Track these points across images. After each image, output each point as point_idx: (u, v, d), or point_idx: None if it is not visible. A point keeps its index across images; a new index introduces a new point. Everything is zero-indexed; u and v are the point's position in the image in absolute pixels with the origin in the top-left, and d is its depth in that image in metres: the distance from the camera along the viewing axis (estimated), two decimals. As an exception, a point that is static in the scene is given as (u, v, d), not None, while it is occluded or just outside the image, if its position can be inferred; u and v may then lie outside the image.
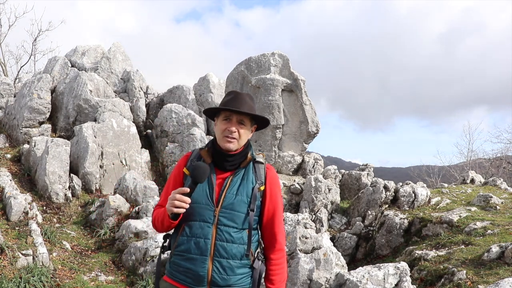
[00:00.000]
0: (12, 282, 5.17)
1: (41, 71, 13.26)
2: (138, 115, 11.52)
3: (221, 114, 2.26)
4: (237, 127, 2.22)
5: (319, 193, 9.13)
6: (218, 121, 2.27)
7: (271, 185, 2.27)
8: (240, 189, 2.19)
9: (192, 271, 2.13)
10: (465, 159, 22.19)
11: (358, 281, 4.15)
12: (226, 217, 2.15)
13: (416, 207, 8.41)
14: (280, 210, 2.31)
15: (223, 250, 2.13)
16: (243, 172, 2.24)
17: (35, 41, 18.79)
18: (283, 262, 2.32)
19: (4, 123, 10.92)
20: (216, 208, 2.15)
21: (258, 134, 10.77)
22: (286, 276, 2.36)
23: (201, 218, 2.14)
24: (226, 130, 2.21)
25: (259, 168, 2.28)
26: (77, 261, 6.58)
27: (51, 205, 7.98)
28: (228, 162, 2.22)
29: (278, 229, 2.28)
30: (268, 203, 2.26)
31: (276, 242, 2.29)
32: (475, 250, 6.10)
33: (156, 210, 2.29)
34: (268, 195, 2.26)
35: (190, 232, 2.15)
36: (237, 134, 2.21)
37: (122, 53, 13.12)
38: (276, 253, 2.29)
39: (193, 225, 2.15)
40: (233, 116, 2.23)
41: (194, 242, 2.13)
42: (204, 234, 2.13)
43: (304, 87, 10.73)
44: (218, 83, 13.11)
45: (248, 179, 2.22)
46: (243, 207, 2.17)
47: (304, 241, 4.51)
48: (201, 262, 2.12)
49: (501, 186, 9.90)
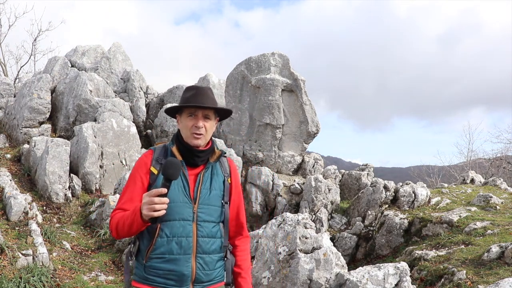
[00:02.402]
0: (12, 282, 5.17)
1: (41, 71, 13.26)
2: (138, 115, 11.53)
3: (185, 111, 2.22)
4: (203, 122, 2.20)
5: (319, 193, 9.14)
6: (182, 118, 2.23)
7: (235, 177, 2.34)
8: (213, 183, 2.21)
9: (175, 272, 2.08)
10: (465, 159, 22.20)
11: (358, 281, 4.15)
12: (204, 212, 2.15)
13: (416, 207, 8.41)
14: (242, 200, 2.41)
15: (205, 246, 2.13)
16: (211, 167, 2.26)
17: (35, 41, 18.82)
18: (249, 249, 2.42)
19: (4, 123, 10.92)
20: (194, 204, 2.13)
21: (258, 134, 10.77)
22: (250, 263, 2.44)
23: (180, 216, 2.10)
24: (193, 126, 2.18)
25: (224, 162, 2.32)
26: (77, 261, 6.58)
27: (51, 205, 7.99)
28: (199, 158, 2.21)
29: (243, 218, 2.37)
30: (233, 195, 2.31)
31: (243, 230, 2.38)
32: (475, 250, 6.10)
33: (116, 214, 2.13)
34: (234, 186, 2.32)
35: (170, 233, 2.08)
36: (203, 129, 2.19)
37: (122, 53, 13.13)
38: (243, 241, 2.39)
39: (172, 225, 2.09)
40: (198, 111, 2.19)
41: (175, 242, 2.08)
42: (185, 233, 2.10)
43: (304, 87, 10.73)
44: (218, 83, 13.12)
45: (217, 173, 2.26)
46: (217, 201, 2.20)
47: (304, 241, 4.51)
48: (184, 261, 2.09)
49: (501, 186, 9.90)
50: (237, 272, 2.33)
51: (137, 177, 2.18)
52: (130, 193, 2.17)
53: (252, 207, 9.89)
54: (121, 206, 2.15)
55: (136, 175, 2.19)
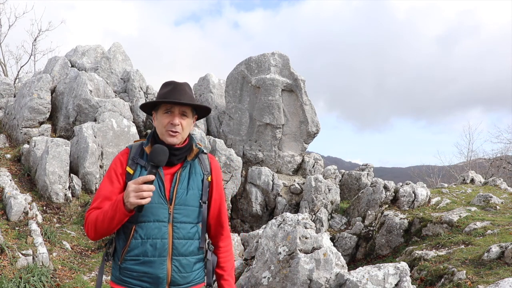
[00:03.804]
0: (12, 282, 5.17)
1: (41, 71, 13.25)
2: (138, 115, 11.52)
3: (161, 108, 2.12)
4: (180, 119, 2.10)
5: (319, 193, 9.14)
6: (158, 115, 2.13)
7: (216, 175, 2.24)
8: (191, 183, 2.12)
9: (150, 274, 2.03)
10: (465, 159, 22.20)
11: (358, 281, 4.15)
12: (181, 213, 2.07)
13: (416, 207, 8.41)
14: (224, 198, 2.30)
15: (181, 248, 2.07)
16: (189, 165, 2.16)
17: (35, 41, 18.81)
18: (231, 249, 2.35)
19: (4, 123, 10.92)
20: (170, 205, 2.06)
21: (258, 134, 10.77)
22: (234, 263, 2.38)
23: (155, 218, 2.03)
24: (169, 124, 2.08)
25: (204, 159, 2.23)
26: (77, 261, 6.58)
27: (51, 205, 7.98)
28: (176, 156, 2.11)
29: (224, 217, 2.28)
30: (214, 193, 2.22)
31: (224, 230, 2.29)
32: (475, 250, 6.10)
33: (92, 212, 2.05)
34: (215, 185, 2.23)
35: (144, 234, 2.03)
36: (180, 127, 2.10)
37: (122, 53, 13.12)
38: (225, 241, 2.31)
39: (147, 226, 2.03)
40: (175, 108, 2.09)
41: (150, 244, 2.02)
42: (160, 234, 2.03)
43: (304, 87, 10.74)
44: (218, 83, 13.11)
45: (196, 171, 2.17)
46: (195, 201, 2.12)
47: (304, 241, 4.51)
48: (159, 264, 2.03)
49: (501, 186, 9.90)
50: (220, 274, 2.28)
51: (113, 176, 2.11)
52: (106, 192, 2.08)
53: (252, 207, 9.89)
54: (97, 205, 2.07)
55: (112, 175, 2.12)
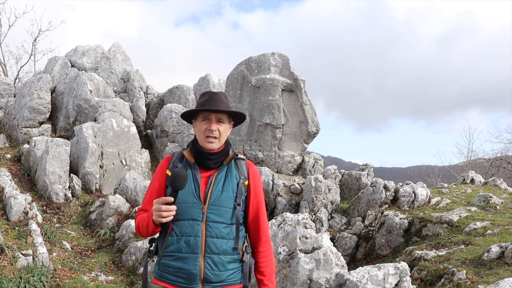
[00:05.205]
0: (12, 282, 5.17)
1: (41, 71, 13.26)
2: (138, 115, 11.53)
3: (200, 115, 2.31)
4: (217, 125, 2.27)
5: (319, 193, 9.13)
6: (197, 123, 2.32)
7: (254, 180, 2.35)
8: (226, 185, 2.25)
9: (184, 270, 2.16)
10: (465, 159, 22.20)
11: (358, 281, 4.15)
12: (214, 214, 2.19)
13: (416, 207, 8.40)
14: (263, 204, 2.39)
15: (213, 246, 2.17)
16: (226, 169, 2.30)
17: (35, 41, 18.82)
18: (271, 254, 2.41)
19: (4, 123, 10.92)
20: (204, 205, 2.20)
21: (258, 134, 10.77)
22: (275, 268, 2.43)
23: (189, 216, 2.18)
24: (207, 130, 2.26)
25: (241, 164, 2.35)
26: (77, 261, 6.58)
27: (51, 205, 7.99)
28: (211, 160, 2.27)
29: (263, 222, 2.37)
30: (252, 198, 2.33)
31: (263, 234, 2.37)
32: (475, 250, 6.09)
33: (139, 215, 2.32)
34: (252, 189, 2.34)
35: (179, 232, 2.18)
36: (217, 132, 2.27)
37: (122, 53, 13.12)
38: (264, 245, 2.37)
39: (182, 224, 2.18)
40: (212, 115, 2.27)
41: (184, 241, 2.17)
42: (194, 232, 2.17)
43: (304, 87, 10.73)
44: (218, 83, 13.11)
45: (231, 175, 2.29)
46: (229, 202, 2.23)
47: (304, 241, 4.51)
48: (192, 260, 2.16)
49: (501, 186, 9.90)
50: (260, 279, 2.36)
51: (155, 180, 2.35)
52: (150, 195, 2.33)
53: (252, 207, 9.89)
54: (143, 207, 2.34)
55: (155, 179, 2.36)
